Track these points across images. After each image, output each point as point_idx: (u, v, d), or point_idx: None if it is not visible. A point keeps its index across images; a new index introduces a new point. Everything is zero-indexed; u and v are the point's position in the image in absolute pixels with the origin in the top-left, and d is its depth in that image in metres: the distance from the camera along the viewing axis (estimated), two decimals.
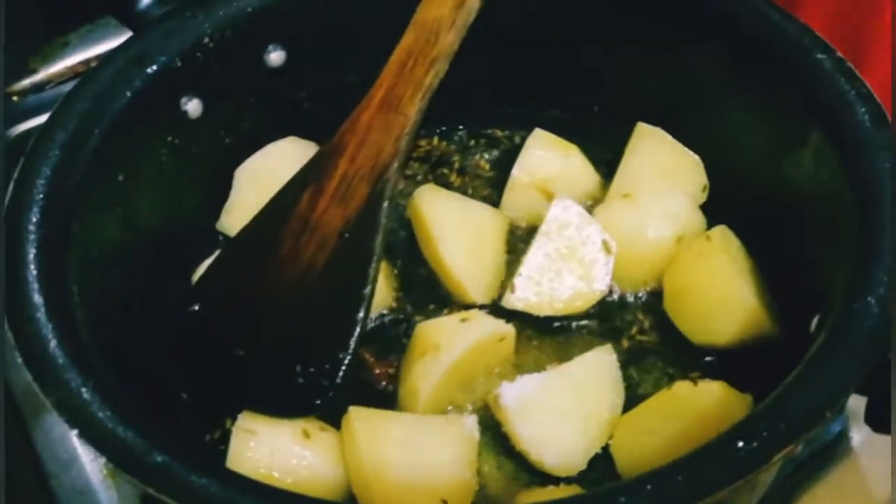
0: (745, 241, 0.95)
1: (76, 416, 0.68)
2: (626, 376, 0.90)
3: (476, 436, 0.86)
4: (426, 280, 1.01)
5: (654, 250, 0.97)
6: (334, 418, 0.86)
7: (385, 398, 0.92)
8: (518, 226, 1.05)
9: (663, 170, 1.01)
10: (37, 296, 0.74)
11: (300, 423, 0.84)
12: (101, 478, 0.94)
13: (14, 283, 0.75)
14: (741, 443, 0.64)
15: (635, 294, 0.99)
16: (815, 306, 0.80)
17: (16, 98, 1.24)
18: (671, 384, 0.87)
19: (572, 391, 0.87)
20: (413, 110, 0.92)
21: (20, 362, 0.71)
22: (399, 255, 1.04)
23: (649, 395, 0.88)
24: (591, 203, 1.04)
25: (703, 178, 1.02)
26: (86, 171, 0.84)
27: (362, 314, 0.86)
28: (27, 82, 1.26)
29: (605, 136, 1.06)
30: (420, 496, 0.81)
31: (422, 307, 0.99)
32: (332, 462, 0.83)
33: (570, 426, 0.85)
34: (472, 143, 1.14)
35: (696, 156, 1.02)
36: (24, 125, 1.22)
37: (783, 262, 0.91)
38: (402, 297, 1.00)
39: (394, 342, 0.96)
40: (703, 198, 1.02)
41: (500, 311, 0.96)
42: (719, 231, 0.95)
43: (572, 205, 0.98)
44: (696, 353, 0.93)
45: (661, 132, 1.02)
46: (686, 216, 0.98)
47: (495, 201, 1.06)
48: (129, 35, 0.96)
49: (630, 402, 0.89)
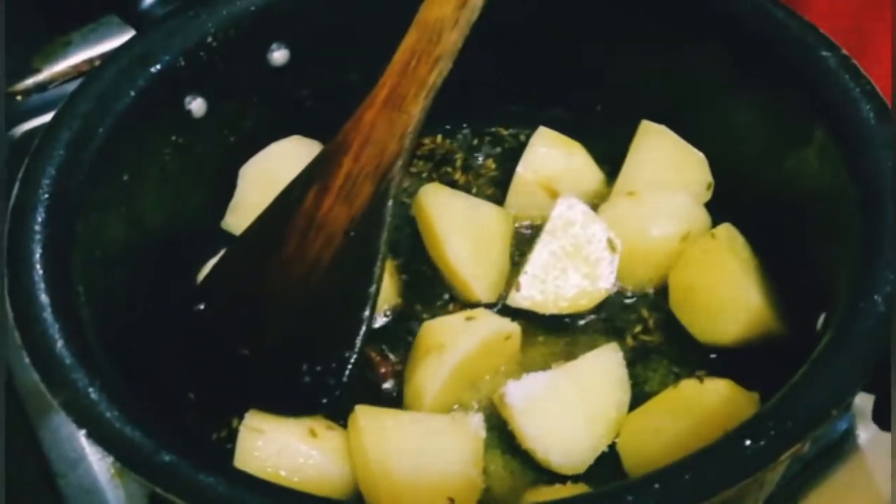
0: (750, 239, 0.95)
1: (84, 416, 0.68)
2: (632, 374, 0.90)
3: (482, 434, 0.86)
4: (431, 278, 1.01)
5: (659, 248, 0.97)
6: (341, 417, 0.86)
7: (391, 397, 0.92)
8: (523, 224, 1.05)
9: (668, 168, 1.01)
10: (43, 296, 0.74)
11: (307, 422, 0.84)
12: (108, 477, 0.94)
13: (20, 282, 0.75)
14: (748, 441, 0.64)
15: (641, 292, 0.99)
16: (820, 304, 0.80)
17: (19, 97, 1.24)
18: (677, 382, 0.87)
19: (578, 389, 0.87)
20: (417, 109, 0.92)
21: (27, 362, 0.71)
22: (404, 253, 1.04)
23: (655, 394, 0.88)
24: (596, 201, 1.04)
25: (707, 176, 1.01)
26: (90, 170, 0.84)
27: (368, 313, 0.86)
28: (30, 82, 1.26)
29: (609, 134, 1.06)
30: (426, 494, 0.81)
31: (427, 305, 1.00)
32: (339, 461, 0.83)
33: (577, 424, 0.85)
34: (476, 141, 1.14)
35: (700, 154, 1.01)
36: (27, 124, 1.22)
37: (788, 260, 0.91)
38: (408, 296, 1.00)
39: (399, 341, 0.96)
40: (707, 196, 1.01)
41: (505, 310, 0.96)
42: (724, 229, 0.94)
43: (577, 203, 0.97)
44: (701, 351, 0.93)
45: (665, 130, 1.02)
46: (691, 214, 0.98)
47: (500, 200, 1.06)
48: (131, 34, 0.96)
49: (636, 401, 0.88)
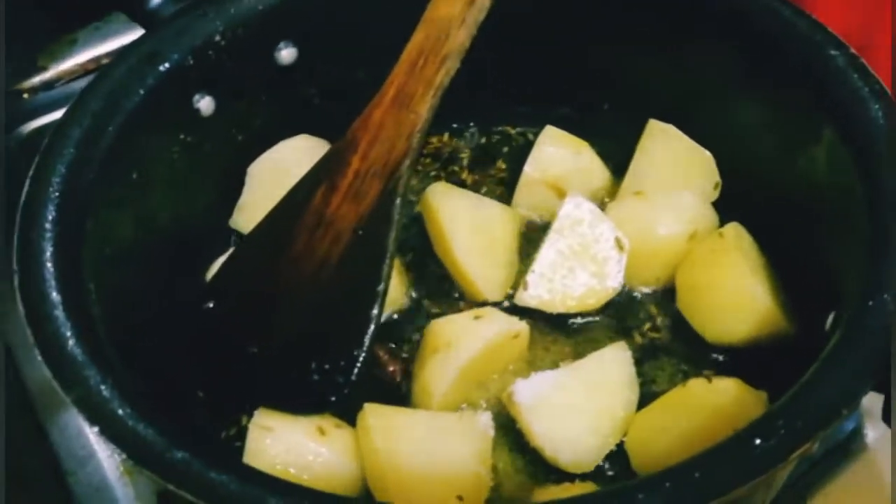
0: (758, 239, 0.95)
1: (96, 413, 0.68)
2: (640, 373, 0.90)
3: (490, 432, 0.86)
4: (439, 277, 1.01)
5: (666, 247, 0.97)
6: (349, 415, 0.86)
7: (399, 395, 0.92)
8: (530, 223, 1.05)
9: (675, 167, 1.01)
10: (55, 293, 0.74)
11: (315, 420, 0.84)
12: (117, 474, 0.94)
13: (32, 280, 0.75)
14: (759, 440, 0.64)
15: (648, 291, 0.99)
16: (828, 303, 0.80)
17: (26, 95, 1.25)
18: (685, 381, 0.87)
19: (586, 388, 0.87)
20: (424, 108, 0.92)
21: (36, 360, 0.71)
22: (412, 251, 1.04)
23: (663, 393, 0.88)
24: (603, 200, 1.04)
25: (715, 175, 1.01)
26: (100, 168, 0.84)
27: (376, 311, 0.86)
28: (36, 80, 1.26)
29: (616, 133, 1.06)
30: (435, 492, 0.81)
31: (435, 304, 1.00)
32: (348, 458, 0.83)
33: (585, 423, 0.85)
34: (484, 140, 1.14)
35: (707, 153, 1.01)
36: (34, 122, 1.22)
37: (796, 259, 0.91)
38: (415, 294, 1.00)
39: (407, 339, 0.97)
40: (715, 195, 1.01)
41: (512, 309, 0.96)
42: (732, 228, 0.94)
43: (584, 202, 0.98)
44: (709, 350, 0.93)
45: (672, 129, 1.02)
46: (698, 213, 0.98)
47: (507, 199, 1.06)
48: (137, 32, 0.96)
49: (644, 400, 0.89)
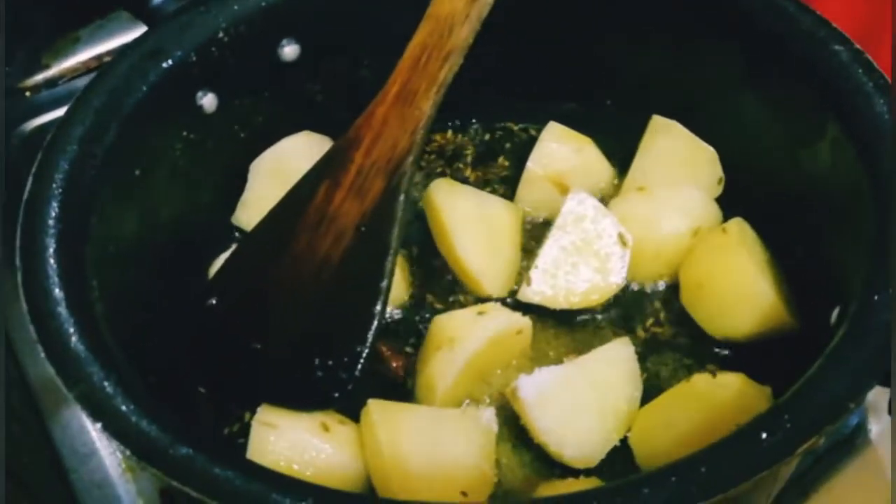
0: (762, 234, 0.95)
1: (99, 409, 0.68)
2: (643, 369, 0.90)
3: (494, 428, 0.86)
4: (442, 273, 1.01)
5: (670, 243, 0.97)
6: (353, 411, 0.86)
7: (403, 391, 0.92)
8: (533, 219, 1.05)
9: (679, 162, 1.01)
10: (58, 290, 0.74)
11: (319, 417, 0.84)
12: (119, 471, 0.94)
13: (35, 277, 0.75)
14: (765, 434, 0.64)
15: (652, 287, 0.99)
16: (833, 298, 0.80)
17: (29, 93, 1.25)
18: (689, 376, 0.87)
19: (590, 384, 0.87)
20: (428, 104, 0.92)
21: (38, 356, 0.71)
22: (415, 247, 1.04)
23: (667, 388, 0.88)
24: (606, 196, 1.04)
25: (718, 171, 1.01)
26: (103, 165, 0.84)
27: (380, 307, 0.86)
28: (40, 77, 1.27)
29: (619, 129, 1.06)
30: (439, 488, 0.81)
31: (438, 300, 1.00)
32: (352, 455, 0.83)
33: (589, 418, 0.85)
34: (487, 136, 1.14)
35: (711, 148, 1.01)
36: (37, 120, 1.22)
37: (800, 254, 0.91)
38: (418, 290, 1.00)
39: (410, 335, 0.97)
40: (718, 190, 1.01)
41: (516, 305, 0.96)
42: (736, 224, 0.94)
43: (587, 198, 0.97)
44: (713, 345, 0.93)
45: (676, 125, 1.02)
46: (702, 209, 0.98)
47: (510, 195, 1.05)
48: (139, 30, 0.96)
49: (648, 395, 0.88)
